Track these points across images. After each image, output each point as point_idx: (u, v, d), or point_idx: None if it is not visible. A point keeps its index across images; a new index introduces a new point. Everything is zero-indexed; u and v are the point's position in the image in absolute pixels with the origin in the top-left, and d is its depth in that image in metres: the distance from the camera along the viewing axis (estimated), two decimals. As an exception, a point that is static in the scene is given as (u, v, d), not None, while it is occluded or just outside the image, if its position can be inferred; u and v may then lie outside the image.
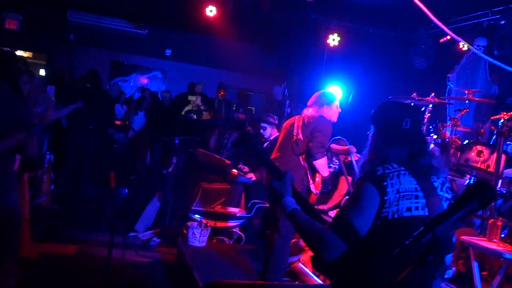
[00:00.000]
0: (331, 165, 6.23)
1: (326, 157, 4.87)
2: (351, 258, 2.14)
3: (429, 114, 6.43)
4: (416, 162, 2.26)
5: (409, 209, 2.12)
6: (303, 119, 5.01)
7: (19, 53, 13.01)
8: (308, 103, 5.12)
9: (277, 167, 2.56)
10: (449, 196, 2.28)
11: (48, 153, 7.64)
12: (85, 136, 8.49)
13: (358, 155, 6.17)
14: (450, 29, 7.74)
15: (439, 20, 5.67)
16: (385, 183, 2.14)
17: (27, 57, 12.90)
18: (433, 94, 6.36)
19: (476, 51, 5.07)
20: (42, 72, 12.82)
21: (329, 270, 2.24)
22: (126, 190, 2.85)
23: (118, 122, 11.12)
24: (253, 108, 12.82)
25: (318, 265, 2.30)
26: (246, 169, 6.86)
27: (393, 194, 2.12)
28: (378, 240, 2.13)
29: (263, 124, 7.03)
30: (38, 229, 6.01)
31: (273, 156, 5.08)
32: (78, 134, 8.39)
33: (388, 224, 2.11)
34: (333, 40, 9.18)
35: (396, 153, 2.26)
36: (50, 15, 11.92)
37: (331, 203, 6.72)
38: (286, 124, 5.20)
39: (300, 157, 4.87)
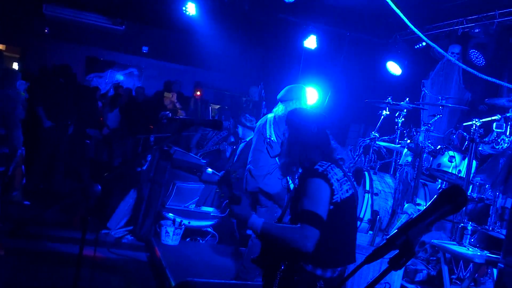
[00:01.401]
0: None
1: None
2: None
3: (403, 119, 6.53)
4: (331, 158, 2.81)
5: (347, 191, 2.72)
6: (274, 117, 4.99)
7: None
8: (278, 97, 5.07)
9: (235, 194, 2.86)
10: (351, 176, 2.89)
11: (20, 147, 7.51)
12: (59, 131, 8.35)
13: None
14: (425, 36, 7.88)
15: (416, 26, 5.76)
16: (329, 176, 2.68)
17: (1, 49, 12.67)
18: (407, 99, 6.46)
19: (451, 58, 5.15)
20: (15, 65, 12.61)
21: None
22: (100, 187, 2.82)
23: (92, 118, 11.00)
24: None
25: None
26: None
27: (336, 183, 2.68)
28: (334, 220, 2.66)
29: (238, 125, 7.02)
30: (8, 225, 5.92)
31: (249, 159, 5.06)
32: (53, 128, 8.24)
33: (338, 206, 2.66)
34: (310, 42, 9.23)
35: (314, 153, 2.80)
36: (25, 8, 11.72)
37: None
38: (258, 125, 5.16)
39: (277, 158, 4.85)
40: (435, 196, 1.57)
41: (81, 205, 7.47)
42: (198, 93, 10.95)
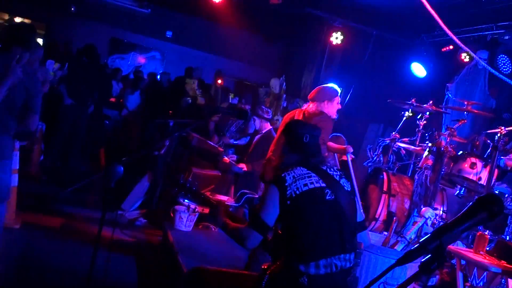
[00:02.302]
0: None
1: (326, 154, 4.89)
2: (280, 237, 2.99)
3: (425, 122, 6.47)
4: (309, 160, 3.04)
5: (306, 185, 2.91)
6: (304, 114, 4.99)
7: (17, 19, 12.88)
8: (309, 97, 5.09)
9: (210, 199, 3.52)
10: (337, 173, 3.06)
11: (40, 122, 7.56)
12: (79, 110, 8.39)
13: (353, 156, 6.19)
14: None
15: (444, 29, 5.69)
16: (283, 175, 2.92)
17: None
18: (431, 102, 6.39)
19: (482, 61, 5.07)
20: (40, 41, 12.68)
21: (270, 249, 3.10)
22: (122, 168, 2.83)
23: (112, 99, 11.05)
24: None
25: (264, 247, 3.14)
26: (234, 157, 6.86)
27: (290, 180, 2.90)
28: (296, 213, 2.87)
29: (254, 117, 7.00)
30: (25, 199, 5.97)
31: (270, 150, 5.05)
32: (73, 107, 8.29)
33: (295, 200, 2.87)
34: (336, 38, 9.16)
35: (296, 157, 3.06)
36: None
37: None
38: (285, 118, 5.17)
39: None
40: (471, 203, 1.54)
41: (98, 185, 7.52)
42: (220, 81, 10.93)
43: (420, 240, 1.44)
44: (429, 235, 1.47)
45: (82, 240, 5.36)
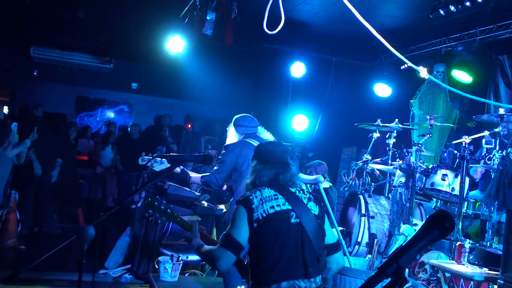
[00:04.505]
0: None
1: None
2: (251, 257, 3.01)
3: (394, 140, 6.58)
4: (278, 179, 3.09)
5: (272, 207, 2.96)
6: None
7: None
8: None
9: (186, 221, 3.37)
10: (306, 196, 3.10)
11: (13, 191, 7.48)
12: (43, 176, 8.33)
13: (327, 184, 6.24)
14: (410, 56, 8.00)
15: (400, 48, 5.86)
16: (251, 197, 2.99)
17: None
18: (397, 120, 6.52)
19: (434, 78, 5.22)
20: (5, 109, 12.64)
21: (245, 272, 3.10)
22: (93, 229, 2.81)
23: (84, 157, 11.00)
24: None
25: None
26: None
27: (257, 202, 2.96)
28: (260, 235, 2.92)
29: None
30: (6, 271, 5.84)
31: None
32: (37, 173, 8.21)
33: (262, 222, 2.92)
34: (297, 69, 9.32)
35: (268, 172, 3.11)
36: (12, 52, 11.82)
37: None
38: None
39: None
40: (423, 222, 1.58)
41: (76, 247, 7.40)
42: (189, 126, 10.98)
43: (377, 266, 1.46)
44: (385, 259, 1.50)
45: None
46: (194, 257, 6.43)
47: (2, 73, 11.96)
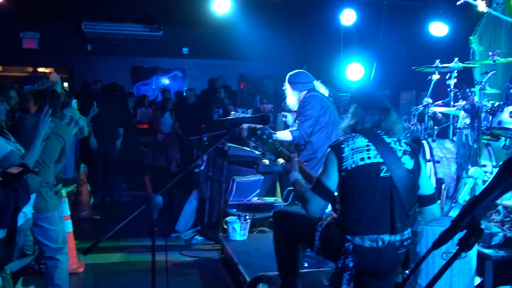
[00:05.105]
0: None
1: None
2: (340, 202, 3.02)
3: (455, 80, 6.32)
4: (380, 126, 3.01)
5: (362, 159, 2.91)
6: None
7: (40, 69, 13.29)
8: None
9: (285, 151, 3.43)
10: (402, 148, 2.98)
11: (82, 165, 7.78)
12: (107, 147, 8.59)
13: None
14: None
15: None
16: (342, 145, 2.96)
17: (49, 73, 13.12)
18: (456, 59, 6.25)
19: (493, 11, 4.93)
20: (65, 85, 13.03)
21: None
22: (160, 198, 2.90)
23: (145, 126, 11.26)
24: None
25: None
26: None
27: (348, 151, 2.92)
28: (347, 185, 2.92)
29: (284, 113, 7.00)
30: (84, 242, 6.15)
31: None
32: (102, 143, 8.47)
33: (350, 172, 2.90)
34: (348, 16, 9.04)
35: (370, 119, 3.03)
36: (65, 30, 12.10)
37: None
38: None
39: None
40: (498, 169, 1.52)
41: (146, 214, 7.67)
42: (242, 85, 10.98)
43: (452, 219, 1.43)
44: (460, 211, 1.46)
45: (143, 270, 5.47)
46: (260, 215, 6.54)
47: (58, 50, 12.31)
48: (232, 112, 5.73)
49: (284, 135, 5.12)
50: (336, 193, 3.05)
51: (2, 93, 3.80)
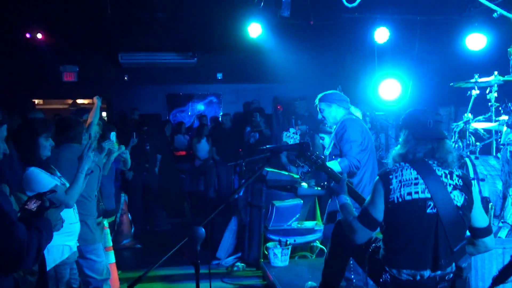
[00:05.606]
0: None
1: None
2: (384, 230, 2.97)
3: (496, 94, 6.16)
4: (434, 156, 2.92)
5: (409, 193, 2.84)
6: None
7: (79, 101, 13.63)
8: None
9: (335, 173, 3.43)
10: (453, 182, 2.87)
11: (122, 194, 7.88)
12: (145, 173, 8.67)
13: None
14: (502, 2, 7.41)
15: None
16: (390, 176, 2.90)
17: (88, 104, 13.44)
18: (496, 73, 6.10)
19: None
20: (104, 114, 13.30)
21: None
22: (203, 230, 2.89)
23: (182, 153, 11.35)
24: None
25: None
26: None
27: (396, 183, 2.86)
28: (392, 218, 2.87)
29: (322, 135, 6.93)
30: (127, 272, 6.19)
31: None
32: (140, 172, 8.54)
33: (396, 206, 2.84)
34: (381, 34, 8.97)
35: (422, 148, 2.93)
36: (103, 61, 12.39)
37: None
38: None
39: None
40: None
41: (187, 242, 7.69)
42: (279, 107, 10.95)
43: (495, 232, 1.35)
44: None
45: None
46: (301, 240, 6.46)
47: (96, 82, 12.60)
48: (285, 132, 5.68)
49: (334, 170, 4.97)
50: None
51: (47, 129, 3.86)
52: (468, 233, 2.98)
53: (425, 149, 2.93)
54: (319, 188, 6.69)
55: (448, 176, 2.90)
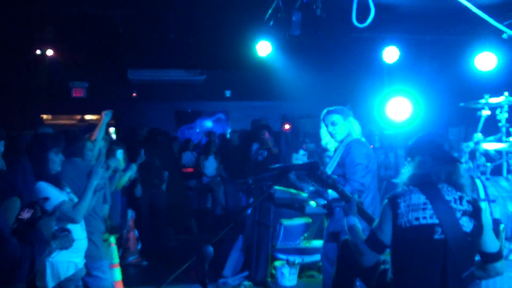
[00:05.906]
0: None
1: None
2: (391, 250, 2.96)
3: (506, 114, 6.12)
4: (451, 179, 2.89)
5: (417, 219, 2.82)
6: None
7: (87, 117, 13.69)
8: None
9: (346, 193, 3.40)
10: (462, 207, 2.83)
11: (129, 210, 7.85)
12: (154, 189, 8.64)
13: None
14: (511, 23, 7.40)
15: (500, 15, 5.41)
16: (399, 200, 2.88)
17: (96, 120, 13.47)
18: (506, 94, 6.07)
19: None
20: (111, 130, 13.33)
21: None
22: (212, 248, 2.86)
23: (190, 170, 11.34)
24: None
25: None
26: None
27: (404, 208, 2.84)
28: (398, 242, 2.86)
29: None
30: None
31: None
32: (147, 188, 8.52)
33: (403, 231, 2.83)
34: (391, 53, 8.98)
35: (438, 171, 2.90)
36: (112, 78, 12.47)
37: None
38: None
39: None
40: None
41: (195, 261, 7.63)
42: (287, 126, 10.94)
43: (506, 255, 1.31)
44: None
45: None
46: (309, 259, 6.41)
47: (105, 98, 12.66)
48: (294, 154, 5.65)
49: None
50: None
51: (56, 143, 3.86)
52: (478, 257, 2.94)
53: (442, 173, 2.90)
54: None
55: (458, 202, 2.87)
